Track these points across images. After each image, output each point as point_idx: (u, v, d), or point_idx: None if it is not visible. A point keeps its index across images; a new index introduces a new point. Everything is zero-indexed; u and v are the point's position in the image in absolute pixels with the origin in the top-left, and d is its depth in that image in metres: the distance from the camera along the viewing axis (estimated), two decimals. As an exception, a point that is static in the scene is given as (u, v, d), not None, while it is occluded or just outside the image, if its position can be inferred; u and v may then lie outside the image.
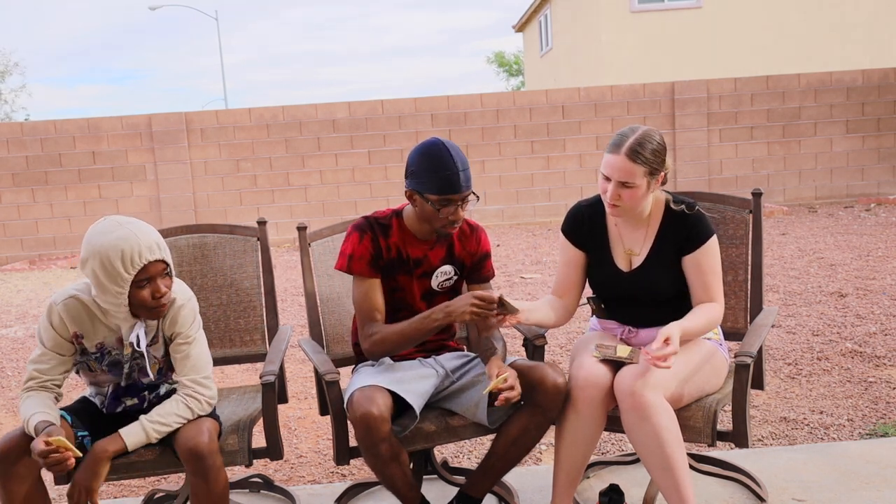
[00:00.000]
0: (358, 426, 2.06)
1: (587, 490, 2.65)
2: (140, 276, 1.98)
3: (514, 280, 6.86)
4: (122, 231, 1.97)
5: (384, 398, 2.10)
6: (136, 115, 10.43)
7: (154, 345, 2.17)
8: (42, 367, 2.09)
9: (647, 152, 2.18)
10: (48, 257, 10.47)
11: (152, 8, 25.86)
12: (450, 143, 2.21)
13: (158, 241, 2.02)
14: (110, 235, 1.96)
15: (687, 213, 2.29)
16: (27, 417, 2.01)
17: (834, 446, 2.88)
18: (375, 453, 2.09)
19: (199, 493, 2.05)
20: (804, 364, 4.01)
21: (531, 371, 2.18)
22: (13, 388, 4.50)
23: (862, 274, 6.12)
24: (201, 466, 2.01)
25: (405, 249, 2.33)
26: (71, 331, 2.09)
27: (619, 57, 15.96)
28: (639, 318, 2.37)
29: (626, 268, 2.36)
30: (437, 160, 2.17)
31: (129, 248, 1.95)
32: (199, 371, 2.16)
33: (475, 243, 2.41)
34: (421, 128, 10.74)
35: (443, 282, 2.40)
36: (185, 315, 2.13)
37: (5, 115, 35.16)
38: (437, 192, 2.17)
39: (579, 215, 2.44)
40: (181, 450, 2.03)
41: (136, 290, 2.00)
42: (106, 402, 2.24)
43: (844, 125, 11.09)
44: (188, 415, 2.11)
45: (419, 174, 2.19)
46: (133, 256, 1.95)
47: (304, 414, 3.75)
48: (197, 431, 2.04)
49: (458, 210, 2.21)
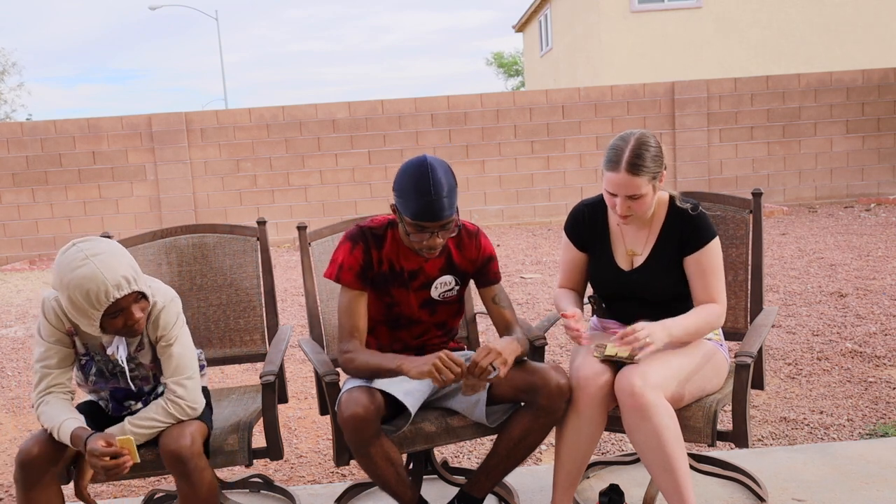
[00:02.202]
0: (346, 427, 2.06)
1: (587, 490, 2.64)
2: (110, 309, 1.94)
3: (515, 280, 6.85)
4: (87, 269, 1.89)
5: (373, 399, 2.09)
6: (136, 115, 10.44)
7: (141, 351, 2.16)
8: (49, 363, 2.08)
9: (646, 161, 2.18)
10: (48, 257, 10.47)
11: (152, 8, 25.87)
12: (436, 166, 2.10)
13: (126, 275, 1.93)
14: (76, 273, 1.89)
15: (690, 214, 2.29)
16: (57, 424, 1.99)
17: (834, 446, 2.88)
18: (365, 454, 2.09)
19: (186, 495, 2.05)
20: (804, 364, 4.00)
21: (534, 373, 2.17)
22: (13, 388, 4.50)
23: (862, 274, 6.12)
24: (183, 470, 2.00)
25: (398, 262, 2.28)
26: (66, 326, 2.09)
27: (619, 57, 15.96)
28: (639, 317, 2.37)
29: (628, 267, 2.36)
30: (416, 183, 2.07)
31: (95, 287, 1.88)
32: (181, 372, 2.10)
33: (475, 249, 2.35)
34: (421, 128, 10.74)
35: (444, 292, 2.34)
36: (166, 317, 2.10)
37: (5, 115, 35.16)
38: (412, 216, 2.09)
39: (581, 215, 2.44)
40: (163, 453, 2.02)
41: (109, 319, 1.96)
42: (110, 406, 2.24)
43: (844, 125, 11.08)
44: (168, 419, 2.08)
45: (399, 193, 2.11)
46: (99, 296, 1.89)
47: (304, 414, 3.75)
48: (179, 435, 2.03)
49: (433, 237, 2.13)
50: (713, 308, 2.28)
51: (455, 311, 2.42)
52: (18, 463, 1.99)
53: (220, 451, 2.22)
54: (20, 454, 1.99)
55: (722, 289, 2.30)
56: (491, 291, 2.36)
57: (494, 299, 2.35)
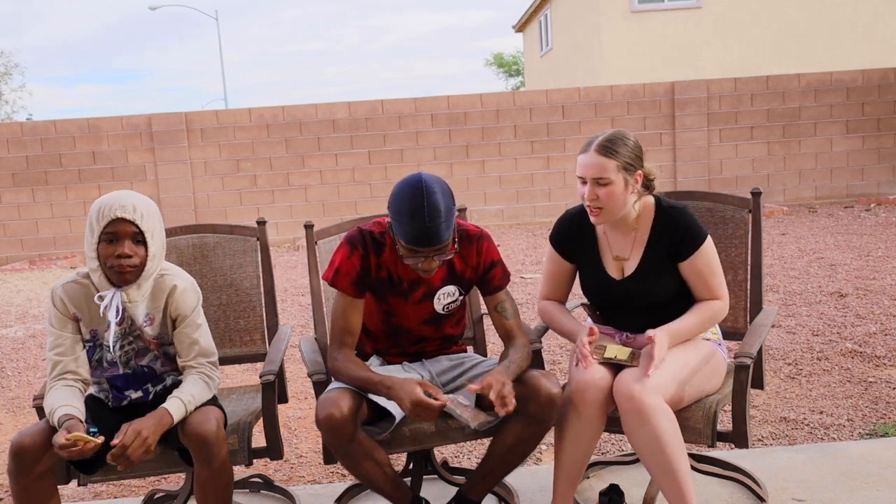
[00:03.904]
0: (321, 428, 2.05)
1: (587, 490, 2.65)
2: (108, 228, 2.05)
3: (515, 280, 6.86)
4: (115, 193, 2.09)
5: (350, 401, 2.07)
6: (136, 115, 10.44)
7: (151, 324, 2.18)
8: (61, 350, 2.12)
9: (617, 147, 2.20)
10: (48, 257, 10.47)
11: (152, 8, 25.87)
12: (433, 188, 2.01)
13: (137, 206, 2.07)
14: (107, 195, 2.10)
15: (678, 218, 2.26)
16: (52, 409, 2.02)
17: (834, 446, 2.88)
18: (344, 454, 2.09)
19: (205, 482, 2.04)
20: (804, 364, 4.00)
21: (526, 380, 2.14)
22: (13, 388, 4.50)
23: (862, 274, 6.12)
24: (208, 454, 2.00)
25: (397, 271, 2.24)
26: (71, 311, 2.13)
27: (619, 57, 15.96)
28: (635, 324, 2.36)
29: (618, 276, 2.33)
30: (411, 208, 2.00)
31: (108, 202, 2.05)
32: (208, 356, 2.22)
33: (476, 255, 2.27)
34: (421, 128, 10.74)
35: (448, 304, 2.29)
36: (188, 299, 2.18)
37: (6, 116, 35.18)
38: (406, 241, 2.04)
39: (567, 223, 2.41)
40: (189, 436, 2.01)
41: (104, 244, 2.07)
42: (110, 397, 2.24)
43: (844, 125, 11.08)
44: (208, 394, 2.17)
45: (393, 216, 2.06)
46: (105, 210, 2.05)
47: (304, 414, 3.75)
48: (205, 419, 2.04)
49: (428, 261, 2.08)
50: (715, 304, 2.28)
51: (457, 319, 2.40)
52: (11, 454, 1.99)
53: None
54: (12, 446, 1.99)
55: (722, 283, 2.30)
56: (494, 300, 2.29)
57: (497, 308, 2.29)
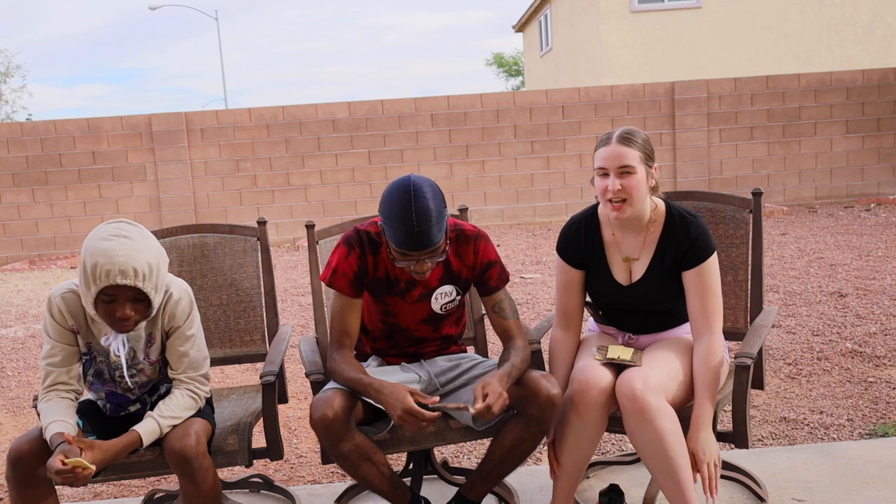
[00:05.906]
0: (315, 429, 2.05)
1: (587, 490, 2.64)
2: (106, 290, 1.94)
3: (515, 280, 6.86)
4: (108, 245, 1.92)
5: (344, 401, 2.07)
6: (136, 115, 10.43)
7: (151, 347, 2.16)
8: (54, 361, 2.09)
9: (636, 138, 2.21)
10: (48, 257, 10.47)
11: (152, 8, 25.87)
12: (422, 190, 2.00)
13: (138, 268, 1.93)
14: (99, 244, 1.93)
15: (689, 226, 2.24)
16: (45, 424, 2.00)
17: (834, 446, 2.88)
18: (338, 454, 2.08)
19: (189, 494, 2.05)
20: (804, 364, 4.00)
21: (525, 382, 2.13)
22: (13, 388, 4.50)
23: (862, 274, 6.12)
24: (188, 469, 2.00)
25: (394, 270, 2.23)
26: (69, 323, 2.09)
27: (619, 57, 15.96)
28: (638, 325, 2.36)
29: (626, 281, 2.32)
30: (401, 212, 1.99)
31: (104, 263, 1.90)
32: (198, 369, 2.17)
33: (473, 254, 2.25)
34: (421, 128, 10.74)
35: (445, 304, 2.29)
36: (182, 308, 2.13)
37: (6, 116, 35.16)
38: (396, 245, 2.03)
39: (573, 231, 2.37)
40: (168, 452, 2.02)
41: (101, 302, 1.97)
42: (108, 407, 2.24)
43: (844, 125, 11.08)
44: (193, 409, 2.13)
45: (384, 219, 2.05)
46: (101, 273, 1.91)
47: (304, 414, 3.75)
48: (184, 434, 2.03)
49: (420, 264, 2.07)
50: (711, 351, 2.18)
51: (456, 319, 2.40)
52: (9, 461, 1.99)
53: (220, 451, 2.22)
54: (11, 452, 1.99)
55: (718, 309, 2.22)
56: (492, 300, 2.28)
57: (495, 308, 2.28)
